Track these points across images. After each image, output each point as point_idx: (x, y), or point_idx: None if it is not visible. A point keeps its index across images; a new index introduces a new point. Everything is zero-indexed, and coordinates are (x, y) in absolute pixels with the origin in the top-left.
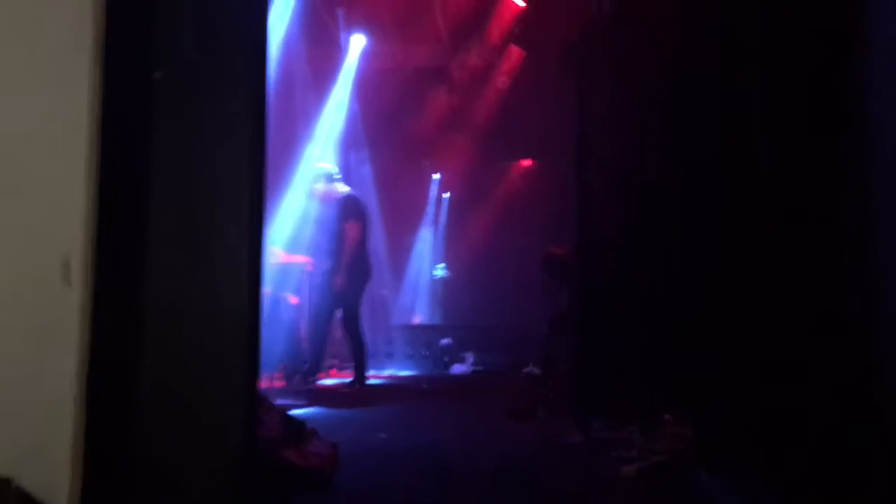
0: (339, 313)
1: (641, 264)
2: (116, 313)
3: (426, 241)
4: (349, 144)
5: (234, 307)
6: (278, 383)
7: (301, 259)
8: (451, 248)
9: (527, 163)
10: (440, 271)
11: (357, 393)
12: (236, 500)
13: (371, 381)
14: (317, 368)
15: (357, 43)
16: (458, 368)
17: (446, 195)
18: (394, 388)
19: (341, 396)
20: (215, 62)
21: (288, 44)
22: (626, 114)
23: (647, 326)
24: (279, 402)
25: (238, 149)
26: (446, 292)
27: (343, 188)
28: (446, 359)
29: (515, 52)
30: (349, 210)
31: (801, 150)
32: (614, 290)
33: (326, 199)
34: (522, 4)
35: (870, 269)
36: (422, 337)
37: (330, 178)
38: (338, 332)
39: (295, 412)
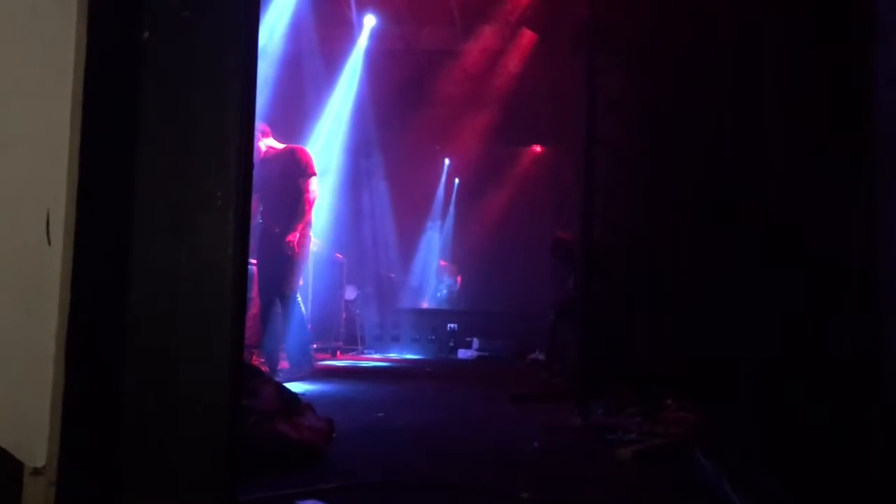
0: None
1: (647, 250)
2: (99, 273)
3: (436, 224)
4: (359, 149)
5: (220, 270)
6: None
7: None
8: (459, 234)
9: (538, 148)
10: (445, 289)
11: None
12: (221, 467)
13: (373, 364)
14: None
15: (368, 23)
16: (463, 353)
17: (457, 180)
18: (397, 371)
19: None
20: (205, 22)
21: (297, 19)
22: (635, 99)
23: (652, 312)
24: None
25: (227, 111)
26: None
27: (278, 143)
28: (452, 343)
29: (527, 35)
30: (300, 164)
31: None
32: (619, 276)
33: (266, 155)
34: None
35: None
36: (429, 321)
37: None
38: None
39: (295, 387)
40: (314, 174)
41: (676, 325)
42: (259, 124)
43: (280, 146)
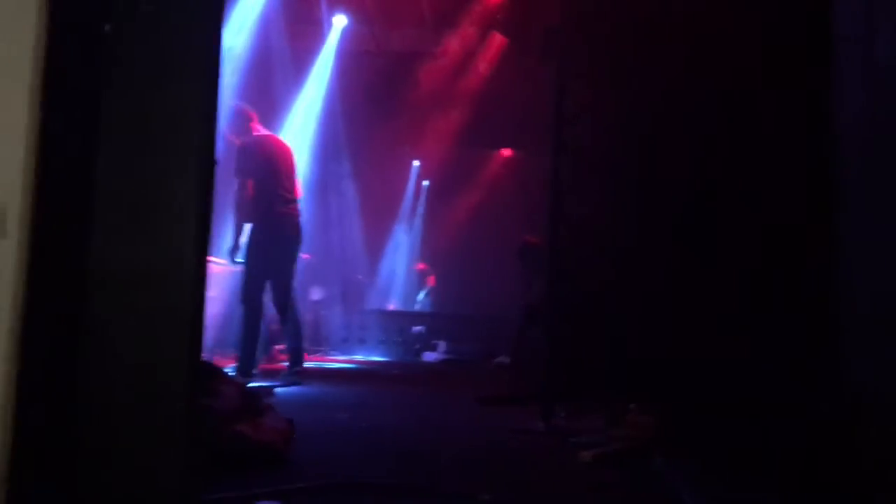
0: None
1: (614, 255)
2: (56, 270)
3: (404, 227)
4: (327, 149)
5: (179, 269)
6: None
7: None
8: (428, 237)
9: (507, 152)
10: (422, 296)
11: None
12: (181, 467)
13: (338, 365)
14: (250, 363)
15: (339, 23)
16: (429, 356)
17: (426, 182)
18: (363, 373)
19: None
20: (168, 16)
21: (266, 18)
22: (603, 102)
23: (618, 316)
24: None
25: (189, 107)
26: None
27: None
28: (418, 346)
29: (498, 39)
30: (237, 162)
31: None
32: (586, 281)
33: (262, 137)
34: None
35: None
36: (395, 323)
37: (238, 120)
38: (306, 315)
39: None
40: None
41: (641, 329)
42: (244, 107)
43: (266, 132)
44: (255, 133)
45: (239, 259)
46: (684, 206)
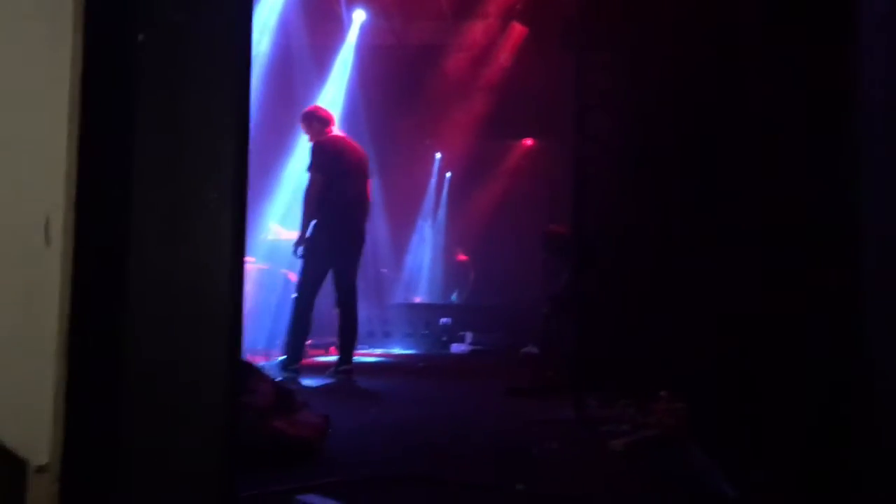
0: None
1: (640, 244)
2: (98, 275)
3: (428, 219)
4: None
5: (216, 271)
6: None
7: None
8: (451, 228)
9: (529, 142)
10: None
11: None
12: (220, 463)
13: (365, 359)
14: (296, 356)
15: (358, 18)
16: (456, 347)
17: (448, 174)
18: (390, 366)
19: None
20: (199, 25)
21: (287, 16)
22: (624, 91)
23: (645, 305)
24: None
25: (221, 113)
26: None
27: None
28: (444, 338)
29: (518, 29)
30: (311, 159)
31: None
32: (612, 268)
33: (340, 141)
34: None
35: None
36: (421, 316)
37: (317, 123)
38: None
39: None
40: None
41: (670, 318)
42: (322, 110)
43: (341, 134)
44: (329, 135)
45: (301, 253)
46: (713, 194)
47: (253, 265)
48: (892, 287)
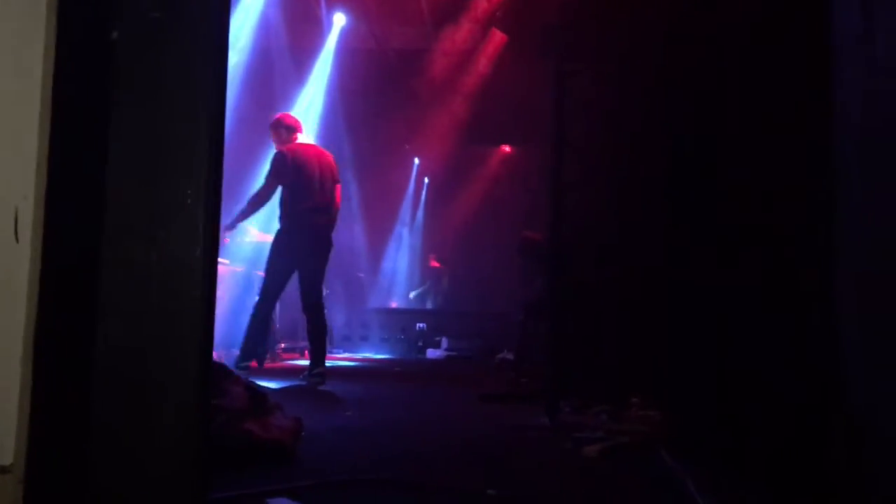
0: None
1: (615, 251)
2: (68, 272)
3: (406, 224)
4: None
5: (190, 269)
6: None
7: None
8: (429, 234)
9: (507, 149)
10: (415, 293)
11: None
12: (192, 465)
13: (341, 363)
14: (248, 355)
15: (338, 21)
16: (432, 353)
17: (426, 179)
18: (366, 370)
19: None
20: (175, 23)
21: (266, 17)
22: (602, 99)
23: (620, 312)
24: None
25: (197, 110)
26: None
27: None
28: (421, 343)
29: (497, 36)
30: (270, 166)
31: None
32: (588, 276)
33: (301, 147)
34: None
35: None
36: (398, 321)
37: (283, 130)
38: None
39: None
40: (339, 181)
41: (643, 325)
42: (289, 118)
43: (307, 142)
44: (294, 142)
45: (228, 235)
46: (684, 202)
47: (227, 267)
48: (868, 291)
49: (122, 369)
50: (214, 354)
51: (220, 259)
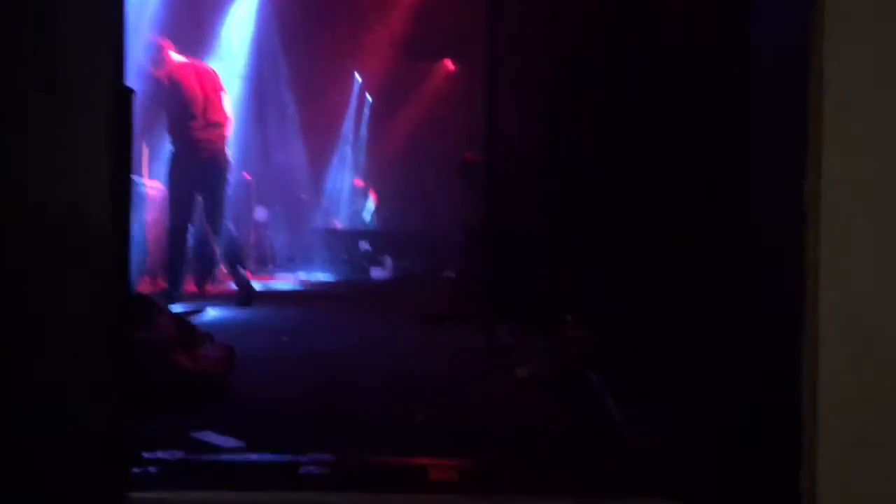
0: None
1: (551, 172)
2: None
3: (348, 143)
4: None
5: (98, 202)
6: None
7: None
8: (372, 153)
9: (450, 64)
10: (368, 213)
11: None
12: (108, 405)
13: (282, 286)
14: (175, 286)
15: None
16: (376, 273)
17: (368, 97)
18: (308, 294)
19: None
20: None
21: None
22: (539, 15)
23: (556, 232)
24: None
25: (96, 34)
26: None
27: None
28: (364, 263)
29: None
30: (149, 93)
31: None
32: (525, 198)
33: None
34: None
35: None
36: (341, 241)
37: (154, 52)
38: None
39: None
40: (225, 91)
41: (580, 246)
42: (155, 38)
43: (184, 60)
44: (169, 63)
45: None
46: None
47: (158, 189)
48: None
49: (31, 308)
50: (152, 282)
51: (151, 183)
